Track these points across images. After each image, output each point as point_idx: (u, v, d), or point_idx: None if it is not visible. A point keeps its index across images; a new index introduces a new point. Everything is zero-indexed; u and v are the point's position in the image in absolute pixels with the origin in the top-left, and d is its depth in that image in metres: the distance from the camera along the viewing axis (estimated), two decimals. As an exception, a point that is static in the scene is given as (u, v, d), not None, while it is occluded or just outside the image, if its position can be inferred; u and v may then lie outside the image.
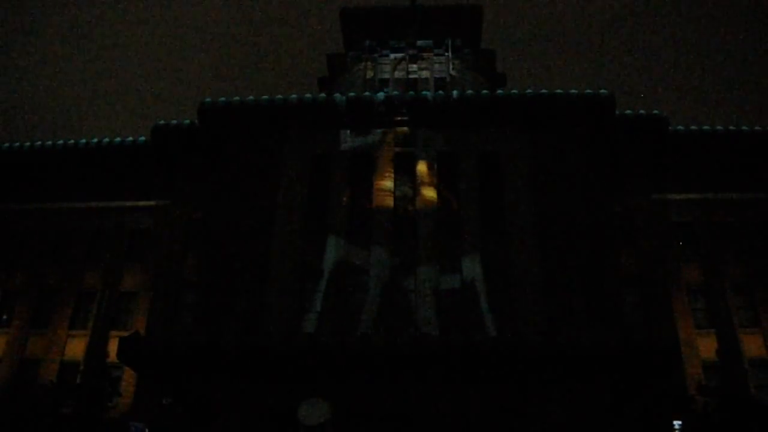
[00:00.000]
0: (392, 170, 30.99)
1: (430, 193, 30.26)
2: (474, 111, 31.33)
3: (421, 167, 30.86)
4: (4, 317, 32.99)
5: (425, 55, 38.71)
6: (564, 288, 27.22)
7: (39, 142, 36.44)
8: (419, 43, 38.81)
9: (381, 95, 32.29)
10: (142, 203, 34.47)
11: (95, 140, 35.80)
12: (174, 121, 34.47)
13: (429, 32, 39.18)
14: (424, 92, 33.07)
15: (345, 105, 31.58)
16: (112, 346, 29.21)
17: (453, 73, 37.51)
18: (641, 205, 31.97)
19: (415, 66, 38.15)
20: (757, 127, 33.82)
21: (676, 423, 23.46)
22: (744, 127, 33.79)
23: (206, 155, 33.41)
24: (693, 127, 33.70)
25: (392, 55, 38.65)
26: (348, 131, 31.82)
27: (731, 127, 33.75)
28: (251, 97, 32.54)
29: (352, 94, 33.28)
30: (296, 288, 28.24)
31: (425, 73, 37.85)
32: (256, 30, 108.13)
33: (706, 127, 33.70)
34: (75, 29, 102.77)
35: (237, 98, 32.64)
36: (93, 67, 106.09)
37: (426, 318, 27.01)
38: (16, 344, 31.81)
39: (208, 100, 32.65)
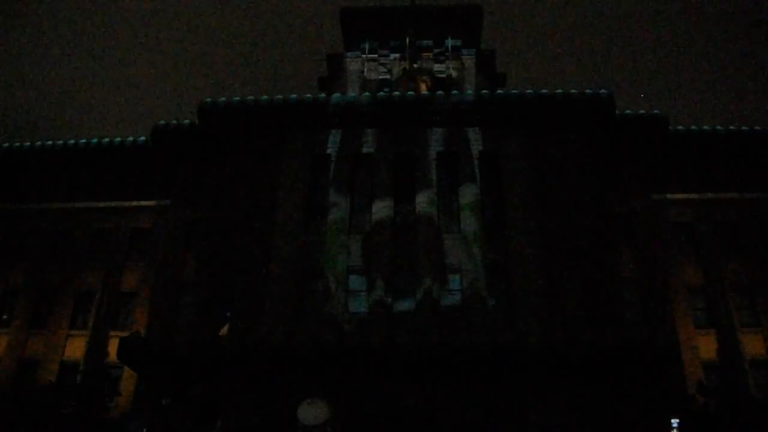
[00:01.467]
0: (392, 170, 30.98)
1: (429, 193, 30.24)
2: (474, 111, 31.33)
3: (421, 167, 30.87)
4: (4, 317, 33.00)
5: (425, 55, 38.68)
6: (564, 288, 27.22)
7: (39, 142, 36.48)
8: (419, 43, 38.77)
9: (381, 95, 32.30)
10: (142, 203, 34.52)
11: (95, 140, 35.85)
12: (174, 121, 34.49)
13: (429, 32, 39.15)
14: (423, 92, 33.07)
15: (344, 105, 31.58)
16: (112, 346, 29.23)
17: (453, 73, 37.50)
18: (641, 205, 31.98)
19: (415, 66, 38.08)
20: (757, 127, 33.85)
21: (675, 422, 23.48)
22: (744, 127, 33.82)
23: (206, 155, 33.45)
24: (693, 127, 33.73)
25: (392, 55, 38.64)
26: (348, 131, 31.82)
27: (731, 127, 33.79)
28: (251, 97, 32.54)
29: (352, 94, 33.29)
30: (296, 288, 28.25)
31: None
32: (256, 30, 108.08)
33: (706, 127, 33.73)
34: (75, 29, 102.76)
35: (237, 98, 32.65)
36: (93, 67, 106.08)
37: (425, 318, 27.00)
38: (16, 344, 31.82)
39: (208, 100, 32.65)
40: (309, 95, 32.43)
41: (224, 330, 25.40)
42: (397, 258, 28.71)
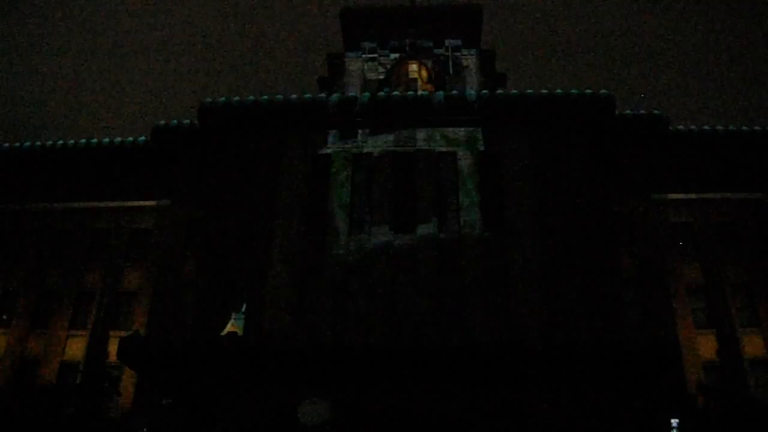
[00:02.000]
0: (392, 170, 31.00)
1: (429, 193, 30.27)
2: (474, 111, 31.34)
3: (421, 167, 30.89)
4: (4, 317, 32.99)
5: (425, 55, 38.70)
6: (564, 288, 27.22)
7: (39, 142, 36.46)
8: (419, 42, 38.82)
9: (381, 95, 32.32)
10: (142, 203, 34.48)
11: (95, 140, 35.83)
12: (174, 121, 34.49)
13: (429, 32, 39.17)
14: (423, 92, 33.09)
15: (344, 105, 31.58)
16: (112, 346, 29.21)
17: (453, 72, 37.53)
18: (641, 205, 31.98)
19: (414, 66, 38.13)
20: (757, 127, 33.85)
21: (674, 422, 23.48)
22: (744, 127, 33.82)
23: (206, 155, 33.42)
24: (693, 127, 33.74)
25: (392, 55, 38.67)
26: (347, 131, 31.82)
27: (731, 127, 33.79)
28: (251, 97, 32.55)
29: (352, 94, 33.30)
30: (296, 288, 28.26)
31: (425, 73, 37.81)
32: (257, 30, 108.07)
33: (706, 127, 33.73)
34: (75, 29, 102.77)
35: (237, 98, 32.65)
36: (93, 67, 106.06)
37: (427, 317, 27.02)
38: (16, 344, 31.81)
39: (208, 100, 32.66)
40: (309, 95, 32.43)
41: (229, 328, 25.38)
42: (396, 258, 28.76)
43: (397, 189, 30.73)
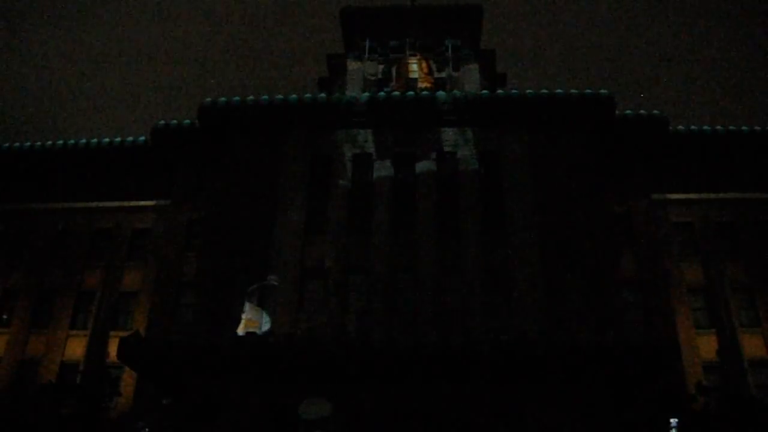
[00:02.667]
0: (392, 171, 31.01)
1: (429, 193, 30.27)
2: (474, 111, 31.35)
3: (421, 168, 30.90)
4: (4, 317, 33.00)
5: (425, 55, 38.69)
6: (564, 288, 27.21)
7: (39, 142, 36.47)
8: (419, 42, 38.81)
9: (381, 95, 32.32)
10: (142, 203, 34.51)
11: (95, 140, 35.85)
12: (174, 121, 34.50)
13: (429, 32, 39.15)
14: (423, 92, 33.09)
15: (344, 105, 31.60)
16: (112, 346, 29.22)
17: (453, 73, 37.50)
18: (641, 205, 31.99)
19: (414, 66, 38.13)
20: (757, 127, 33.87)
21: (673, 421, 23.49)
22: (744, 127, 33.83)
23: (206, 155, 33.45)
24: (693, 127, 33.75)
25: (392, 55, 38.66)
26: (348, 131, 31.85)
27: (731, 127, 33.80)
28: (251, 97, 32.55)
29: (351, 94, 33.32)
30: (296, 288, 28.26)
31: (425, 73, 37.78)
32: (256, 30, 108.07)
33: (706, 127, 33.75)
34: (75, 29, 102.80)
35: (237, 98, 32.65)
36: (93, 68, 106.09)
37: (426, 321, 27.02)
38: (16, 344, 31.82)
39: (208, 100, 32.65)
40: (309, 95, 32.42)
41: (241, 327, 25.32)
42: (396, 257, 28.77)
43: (398, 189, 30.70)
